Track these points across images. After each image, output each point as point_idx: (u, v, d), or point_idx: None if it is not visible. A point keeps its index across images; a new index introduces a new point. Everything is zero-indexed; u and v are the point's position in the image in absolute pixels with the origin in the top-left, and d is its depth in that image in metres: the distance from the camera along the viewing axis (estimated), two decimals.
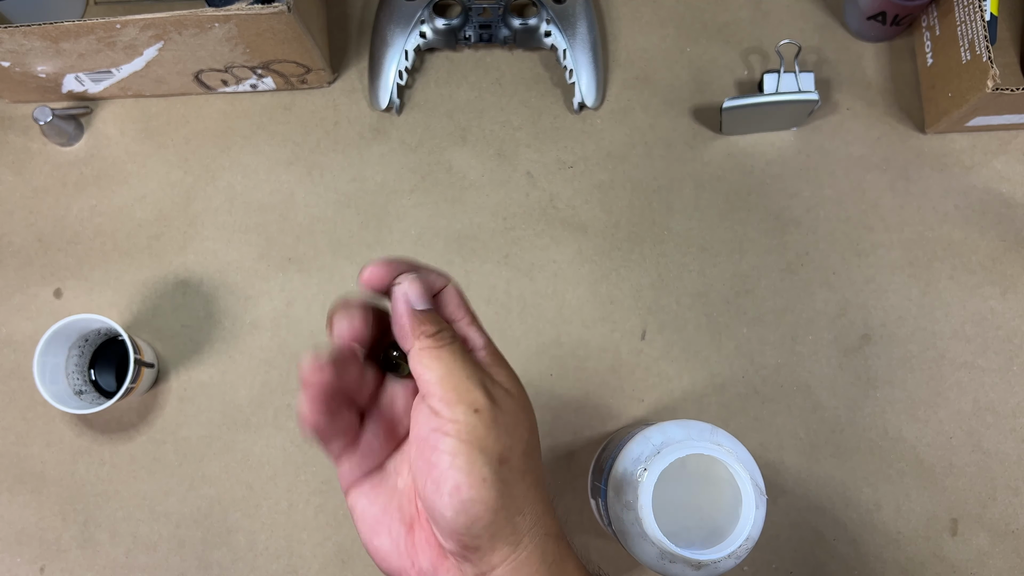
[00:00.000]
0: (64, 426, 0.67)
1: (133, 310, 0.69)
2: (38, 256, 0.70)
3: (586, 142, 0.71)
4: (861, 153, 0.71)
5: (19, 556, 0.65)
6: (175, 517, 0.65)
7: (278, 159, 0.71)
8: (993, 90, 0.61)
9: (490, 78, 0.73)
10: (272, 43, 0.64)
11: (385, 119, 0.72)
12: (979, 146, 0.71)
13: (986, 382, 0.67)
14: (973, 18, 0.64)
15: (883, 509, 0.65)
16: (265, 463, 0.66)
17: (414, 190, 0.71)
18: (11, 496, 0.66)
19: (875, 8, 0.68)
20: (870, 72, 0.73)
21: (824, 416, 0.66)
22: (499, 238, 0.70)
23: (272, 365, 0.67)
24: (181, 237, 0.70)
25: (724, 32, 0.74)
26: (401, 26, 0.70)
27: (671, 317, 0.68)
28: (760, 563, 0.64)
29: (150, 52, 0.64)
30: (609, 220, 0.70)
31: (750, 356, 0.67)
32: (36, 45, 0.62)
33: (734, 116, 0.67)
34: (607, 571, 0.42)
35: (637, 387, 0.67)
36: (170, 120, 0.72)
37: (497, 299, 0.68)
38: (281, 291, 0.69)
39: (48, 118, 0.67)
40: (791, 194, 0.70)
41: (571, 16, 0.70)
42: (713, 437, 0.51)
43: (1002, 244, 0.69)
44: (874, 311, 0.68)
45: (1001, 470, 0.65)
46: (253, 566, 0.64)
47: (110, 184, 0.71)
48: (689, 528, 0.50)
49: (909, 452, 0.66)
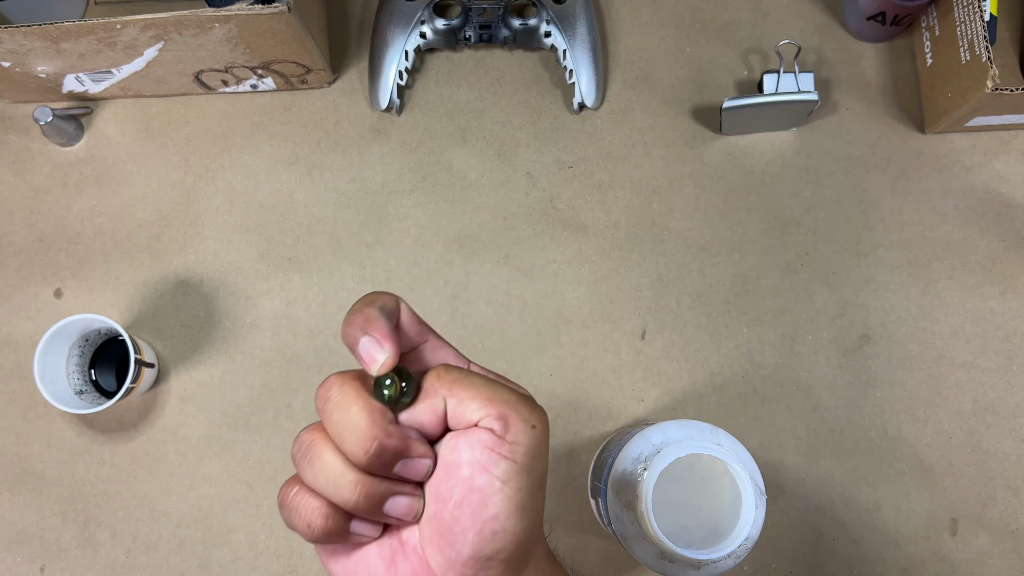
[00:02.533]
0: (64, 426, 0.67)
1: (133, 310, 0.69)
2: (38, 256, 0.70)
3: (586, 142, 0.71)
4: (861, 153, 0.71)
5: (19, 556, 0.65)
6: (175, 517, 0.65)
7: (278, 159, 0.71)
8: (992, 90, 0.61)
9: (490, 78, 0.73)
10: (272, 43, 0.64)
11: (385, 119, 0.72)
12: (979, 146, 0.71)
13: (986, 382, 0.67)
14: (972, 18, 0.64)
15: (883, 509, 0.65)
16: (265, 463, 0.66)
17: (414, 190, 0.71)
18: (11, 496, 0.66)
19: (875, 8, 0.68)
20: (870, 72, 0.73)
21: (824, 416, 0.66)
22: (499, 238, 0.70)
23: (272, 365, 0.68)
24: (181, 237, 0.70)
25: (724, 32, 0.74)
26: (401, 26, 0.70)
27: (671, 317, 0.68)
28: (760, 563, 0.64)
29: (150, 52, 0.64)
30: (609, 220, 0.70)
31: (750, 356, 0.67)
32: (36, 45, 0.62)
33: (734, 116, 0.67)
34: (607, 571, 0.42)
35: (637, 387, 0.67)
36: (170, 120, 0.72)
37: (497, 299, 0.68)
38: (281, 291, 0.69)
39: (48, 118, 0.67)
40: (791, 194, 0.70)
41: (571, 16, 0.70)
42: (713, 437, 0.51)
43: (1001, 244, 0.69)
44: (874, 311, 0.68)
45: (1001, 470, 0.65)
46: (253, 566, 0.64)
47: (110, 184, 0.71)
48: (689, 528, 0.50)
49: (909, 452, 0.66)
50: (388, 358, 0.28)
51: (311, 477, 0.28)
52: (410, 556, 0.30)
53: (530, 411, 0.29)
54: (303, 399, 0.67)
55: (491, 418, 0.28)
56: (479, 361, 0.34)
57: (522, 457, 0.28)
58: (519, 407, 0.28)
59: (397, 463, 0.28)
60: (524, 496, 0.28)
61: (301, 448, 0.28)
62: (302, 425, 0.66)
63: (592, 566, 0.64)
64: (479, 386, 0.29)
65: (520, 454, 0.28)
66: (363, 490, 0.27)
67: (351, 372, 0.29)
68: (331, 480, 0.27)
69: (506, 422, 0.28)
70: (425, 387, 0.29)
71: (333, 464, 0.27)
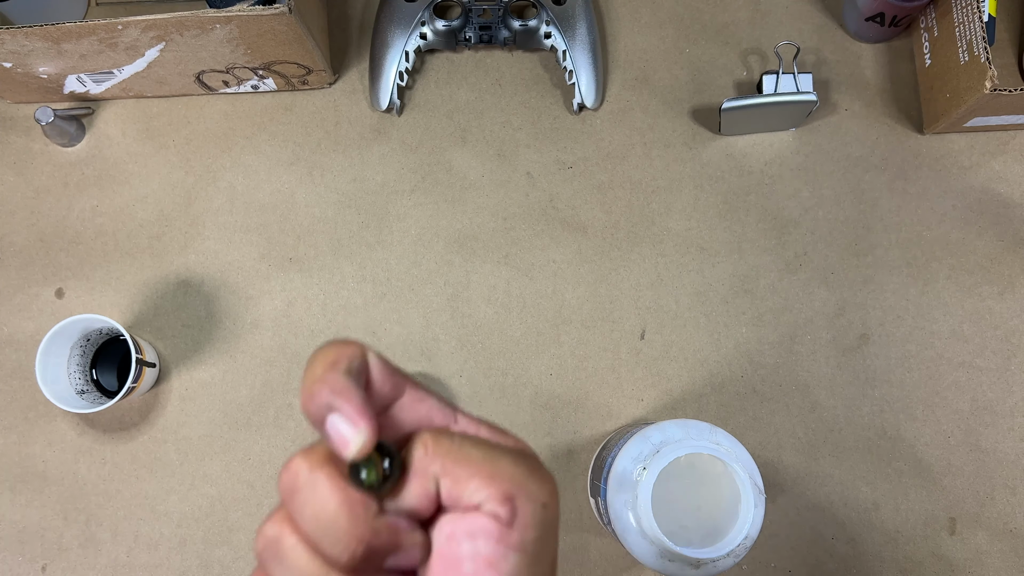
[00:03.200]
0: (66, 425, 0.67)
1: (135, 310, 0.69)
2: (40, 256, 0.70)
3: (586, 143, 0.72)
4: (859, 153, 0.71)
5: (21, 555, 0.65)
6: (176, 516, 0.65)
7: (279, 159, 0.71)
8: (991, 91, 0.61)
9: (490, 79, 0.73)
10: (273, 44, 0.64)
11: (385, 120, 0.72)
12: (977, 147, 0.71)
13: (984, 381, 0.67)
14: (971, 19, 0.64)
15: (881, 508, 0.65)
16: (266, 462, 0.66)
17: (414, 190, 0.71)
18: (13, 495, 0.66)
19: (873, 9, 0.68)
20: (868, 73, 0.73)
21: (823, 415, 0.67)
22: (499, 238, 0.70)
23: (273, 365, 0.68)
24: (182, 237, 0.70)
25: (723, 33, 0.74)
26: (401, 27, 0.70)
27: (670, 317, 0.68)
28: (759, 562, 0.64)
29: (152, 53, 0.65)
30: (608, 220, 0.70)
31: (749, 356, 0.68)
32: (38, 46, 0.62)
33: (733, 117, 0.68)
34: (607, 570, 0.42)
35: (636, 386, 0.67)
36: (171, 121, 0.72)
37: (497, 299, 0.69)
38: (282, 291, 0.69)
39: (50, 119, 0.67)
40: (790, 194, 0.71)
41: (571, 17, 0.70)
42: (712, 436, 0.51)
43: (1000, 244, 0.69)
44: (872, 311, 0.68)
45: (999, 469, 0.65)
46: (254, 565, 0.64)
47: (112, 184, 0.71)
48: (688, 527, 0.50)
49: (907, 451, 0.66)
50: (365, 439, 0.22)
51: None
52: None
53: (539, 486, 0.24)
54: None
55: (495, 501, 0.23)
56: (479, 361, 0.34)
57: (532, 545, 0.23)
58: (527, 484, 0.24)
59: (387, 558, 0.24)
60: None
61: (268, 547, 0.23)
62: (303, 425, 0.66)
63: (592, 565, 0.64)
64: (477, 460, 0.24)
65: (530, 542, 0.23)
66: None
67: (318, 451, 0.23)
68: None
69: (513, 506, 0.23)
70: (413, 464, 0.24)
71: (310, 569, 0.23)
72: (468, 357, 0.67)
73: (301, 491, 0.22)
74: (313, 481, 0.22)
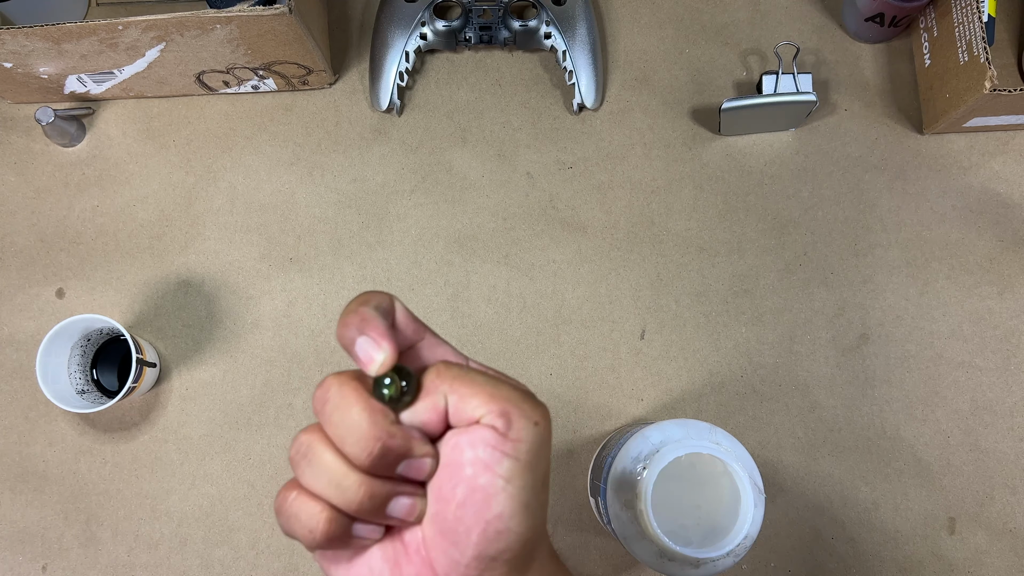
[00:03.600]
0: (66, 425, 0.67)
1: (135, 310, 0.69)
2: (40, 256, 0.70)
3: (585, 143, 0.72)
4: (859, 154, 0.71)
5: (21, 555, 0.65)
6: (177, 516, 0.65)
7: (279, 160, 0.72)
8: (991, 91, 0.62)
9: (490, 79, 0.73)
10: (273, 44, 0.64)
11: (386, 120, 0.72)
12: (977, 147, 0.71)
13: (983, 381, 0.67)
14: (971, 19, 0.64)
15: (881, 508, 0.65)
16: (266, 462, 0.66)
17: (414, 190, 0.71)
18: (13, 495, 0.66)
19: (873, 9, 0.69)
20: (868, 73, 0.73)
21: (822, 415, 0.67)
22: (499, 238, 0.70)
23: (273, 364, 0.68)
24: (183, 237, 0.70)
25: (723, 33, 0.74)
26: (401, 28, 0.70)
27: (670, 317, 0.68)
28: (758, 561, 0.64)
29: (152, 53, 0.65)
30: (608, 220, 0.70)
31: (748, 355, 0.68)
32: (38, 46, 0.62)
33: (733, 117, 0.68)
34: (606, 570, 0.42)
35: (636, 386, 0.67)
36: (172, 121, 0.72)
37: (497, 299, 0.69)
38: (282, 291, 0.69)
39: (50, 119, 0.67)
40: (789, 195, 0.71)
41: (571, 18, 0.70)
42: (712, 436, 0.51)
43: (999, 244, 0.69)
44: (872, 311, 0.68)
45: (999, 469, 0.66)
46: (255, 564, 0.65)
47: (112, 184, 0.71)
48: (688, 527, 0.50)
49: (907, 451, 0.66)
50: (386, 357, 0.27)
51: (311, 479, 0.27)
52: (413, 558, 0.29)
53: (532, 407, 0.28)
54: (304, 398, 0.67)
55: (493, 415, 0.27)
56: (479, 361, 0.34)
57: (525, 455, 0.27)
58: (521, 403, 0.28)
59: (400, 463, 0.28)
60: (528, 494, 0.27)
61: (300, 450, 0.28)
62: (303, 424, 0.66)
63: (592, 565, 0.64)
64: (481, 383, 0.28)
65: (523, 451, 0.27)
66: (367, 491, 0.27)
67: (349, 372, 0.28)
68: (333, 482, 0.27)
69: (508, 419, 0.27)
70: (425, 385, 0.28)
71: (335, 466, 0.27)
72: (467, 356, 0.67)
73: (331, 401, 0.27)
74: (341, 393, 0.27)
